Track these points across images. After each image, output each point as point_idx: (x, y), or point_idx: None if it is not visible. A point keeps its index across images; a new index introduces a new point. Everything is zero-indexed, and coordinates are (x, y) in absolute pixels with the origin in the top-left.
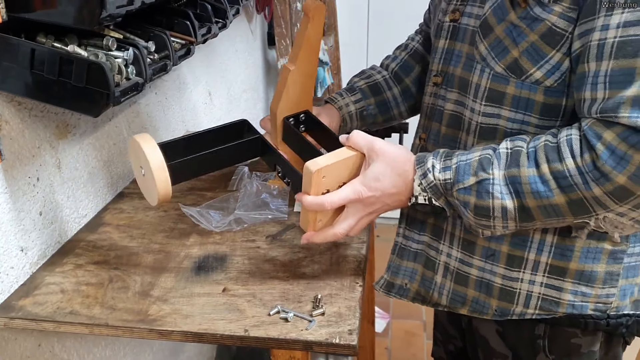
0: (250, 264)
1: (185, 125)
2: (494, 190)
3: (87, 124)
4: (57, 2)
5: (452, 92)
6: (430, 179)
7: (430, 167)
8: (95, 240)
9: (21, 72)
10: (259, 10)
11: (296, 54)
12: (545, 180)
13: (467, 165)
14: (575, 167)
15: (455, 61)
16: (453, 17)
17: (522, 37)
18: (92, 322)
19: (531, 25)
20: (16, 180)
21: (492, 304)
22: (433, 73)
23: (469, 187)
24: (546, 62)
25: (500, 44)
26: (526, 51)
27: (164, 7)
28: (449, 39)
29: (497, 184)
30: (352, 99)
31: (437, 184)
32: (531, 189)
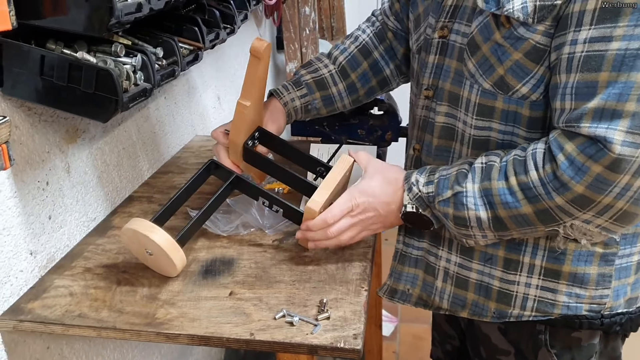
0: (257, 267)
1: (195, 129)
2: (468, 202)
3: (96, 128)
4: (66, 9)
5: (442, 105)
6: (415, 191)
7: (414, 181)
8: (104, 244)
9: (31, 78)
10: (267, 15)
11: (249, 92)
12: (513, 192)
13: (446, 179)
14: (538, 179)
15: (445, 76)
16: (442, 34)
17: (506, 56)
18: (100, 325)
19: (515, 44)
20: (26, 184)
21: (491, 307)
22: (424, 87)
23: (447, 199)
24: (531, 78)
25: (487, 62)
26: (511, 69)
27: (173, 14)
28: (439, 55)
29: (470, 196)
30: (297, 94)
31: (421, 197)
32: (501, 200)
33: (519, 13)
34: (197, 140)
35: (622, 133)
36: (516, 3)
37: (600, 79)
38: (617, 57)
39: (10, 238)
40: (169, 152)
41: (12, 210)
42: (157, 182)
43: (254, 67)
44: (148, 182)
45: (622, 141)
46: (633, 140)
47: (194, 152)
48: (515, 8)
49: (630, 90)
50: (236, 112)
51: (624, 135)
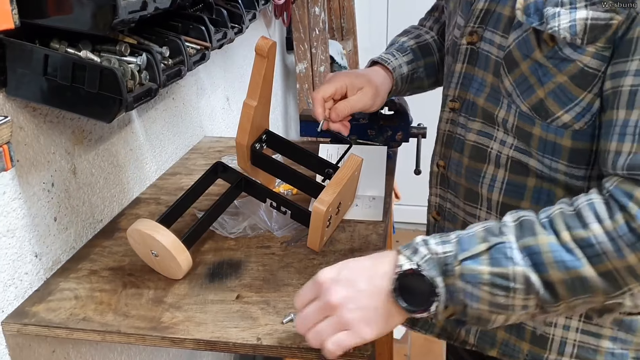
0: (265, 270)
1: (203, 130)
2: (514, 254)
3: (103, 129)
4: (70, 7)
5: (474, 122)
6: (423, 252)
7: (420, 241)
8: (110, 246)
9: (35, 78)
10: (277, 15)
11: (255, 91)
12: (569, 249)
13: (471, 236)
14: (604, 233)
15: (477, 89)
16: (471, 40)
17: (548, 77)
18: (105, 329)
19: (559, 65)
20: (31, 185)
21: (524, 348)
22: (449, 98)
23: (478, 253)
24: (576, 105)
25: (526, 82)
26: (553, 92)
27: (180, 13)
28: (467, 64)
29: (515, 248)
30: (404, 60)
31: (432, 258)
32: (554, 258)
33: (566, 32)
34: (205, 141)
35: None
36: (563, 20)
37: None
38: None
39: (15, 240)
40: (177, 153)
41: (16, 212)
42: (165, 184)
43: (259, 66)
44: (155, 183)
45: None
46: None
47: (203, 153)
48: (561, 26)
49: None
50: (242, 113)
51: None
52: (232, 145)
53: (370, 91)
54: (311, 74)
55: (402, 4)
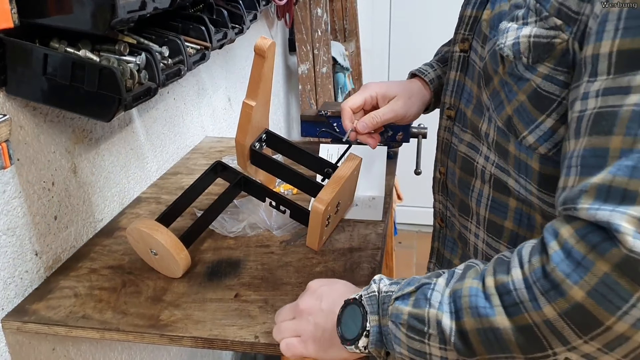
0: (264, 269)
1: (205, 130)
2: (432, 297)
3: (103, 128)
4: (69, 7)
5: (465, 133)
6: (372, 289)
7: (377, 279)
8: (110, 245)
9: (35, 77)
10: (279, 16)
11: (255, 91)
12: (488, 295)
13: (415, 279)
14: (522, 279)
15: (467, 100)
16: (463, 47)
17: (512, 95)
18: (104, 327)
19: (518, 83)
20: (31, 184)
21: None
22: (446, 105)
23: (407, 294)
24: (537, 127)
25: (498, 97)
26: (517, 110)
27: (180, 13)
28: (460, 72)
29: (437, 290)
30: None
31: (376, 295)
32: (469, 303)
33: (509, 50)
34: (207, 141)
35: (634, 221)
36: (509, 37)
37: (612, 145)
38: (633, 116)
39: (15, 238)
40: (178, 153)
41: (17, 211)
42: (166, 184)
43: (258, 66)
44: (156, 183)
45: (635, 232)
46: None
47: (204, 153)
48: (506, 44)
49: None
50: (242, 113)
51: (637, 224)
52: (233, 145)
53: (402, 101)
54: (313, 75)
55: (405, 5)
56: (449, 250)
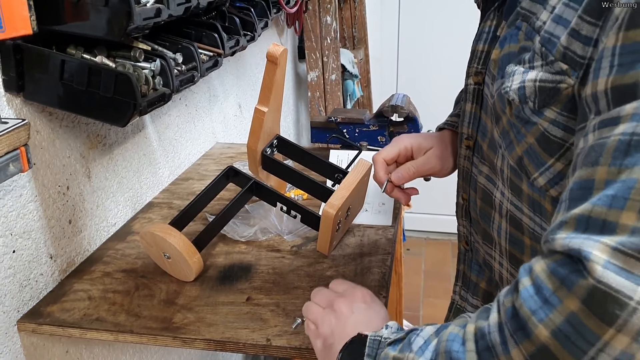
0: (275, 273)
1: (216, 137)
2: (414, 342)
3: (117, 134)
4: (86, 14)
5: (484, 165)
6: (381, 333)
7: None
8: (123, 249)
9: (52, 83)
10: (289, 24)
11: (267, 97)
12: (464, 341)
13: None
14: (497, 322)
15: (483, 133)
16: (477, 80)
17: (521, 136)
18: (117, 329)
19: (525, 126)
20: (47, 188)
21: None
22: (464, 136)
23: (398, 339)
24: (546, 170)
25: (508, 136)
26: (526, 152)
27: (193, 20)
28: (475, 104)
29: (421, 336)
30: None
31: (379, 339)
32: (445, 348)
33: (514, 95)
34: (217, 147)
35: (607, 249)
36: (515, 81)
37: (597, 176)
38: (619, 145)
39: (31, 242)
40: (189, 159)
41: (32, 214)
42: (178, 189)
43: (270, 72)
44: (168, 188)
45: (606, 262)
46: (625, 265)
47: (215, 159)
48: (512, 87)
49: (629, 192)
50: (254, 119)
51: (610, 253)
52: (244, 151)
53: (439, 151)
54: (323, 83)
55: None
56: (475, 273)
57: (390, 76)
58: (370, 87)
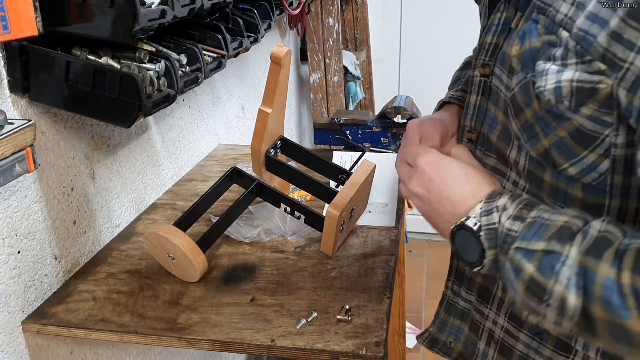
0: (279, 274)
1: (219, 138)
2: (561, 271)
3: (121, 135)
4: (92, 15)
5: (489, 157)
6: (493, 219)
7: (500, 205)
8: (127, 250)
9: (57, 84)
10: (291, 26)
11: (271, 98)
12: (623, 294)
13: (544, 226)
14: None
15: (490, 125)
16: (483, 72)
17: (550, 129)
18: (122, 330)
19: (557, 120)
20: (51, 189)
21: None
22: (466, 129)
23: (533, 251)
24: (579, 161)
25: (532, 129)
26: (556, 144)
27: (197, 21)
28: (481, 96)
29: (567, 265)
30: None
31: (497, 229)
32: (603, 296)
33: (551, 95)
34: (221, 148)
35: None
36: (549, 80)
37: None
38: None
39: (36, 242)
40: (192, 160)
41: (37, 215)
42: (181, 190)
43: (274, 73)
44: (172, 189)
45: None
46: None
47: (218, 160)
48: (547, 87)
49: None
50: (258, 120)
51: None
52: (247, 152)
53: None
54: (325, 84)
55: (415, 15)
56: None
57: (392, 78)
58: (372, 88)
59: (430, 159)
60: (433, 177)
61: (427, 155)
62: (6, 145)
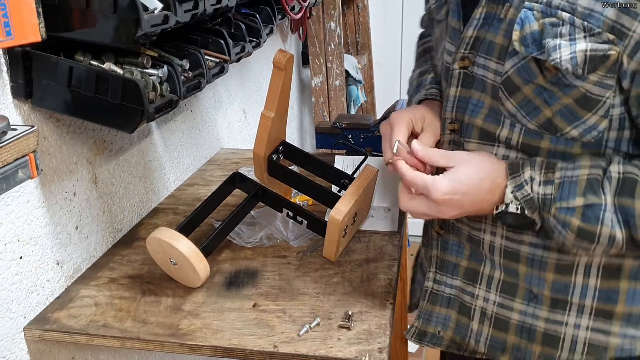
0: (281, 279)
1: (220, 142)
2: (605, 217)
3: (123, 140)
4: (94, 21)
5: (470, 143)
6: (526, 191)
7: (527, 178)
8: (129, 255)
9: (59, 90)
10: (293, 30)
11: (273, 103)
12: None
13: (574, 183)
14: None
15: (473, 111)
16: (463, 65)
17: (554, 99)
18: (124, 336)
19: (563, 89)
20: (53, 194)
21: (535, 351)
22: (448, 121)
23: (573, 207)
24: (582, 123)
25: (531, 104)
26: (559, 112)
27: (199, 26)
28: (461, 87)
29: (608, 210)
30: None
31: (533, 197)
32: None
33: (568, 64)
34: (222, 153)
35: None
36: (564, 52)
37: None
38: None
39: (38, 248)
40: (194, 164)
41: (39, 220)
42: (183, 194)
43: (277, 78)
44: (174, 194)
45: None
46: None
47: (220, 164)
48: (563, 58)
49: None
50: (260, 124)
51: None
52: (249, 157)
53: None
54: (326, 88)
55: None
56: (454, 254)
57: (393, 81)
58: (373, 92)
59: (442, 188)
60: (458, 198)
61: (438, 186)
62: (9, 151)
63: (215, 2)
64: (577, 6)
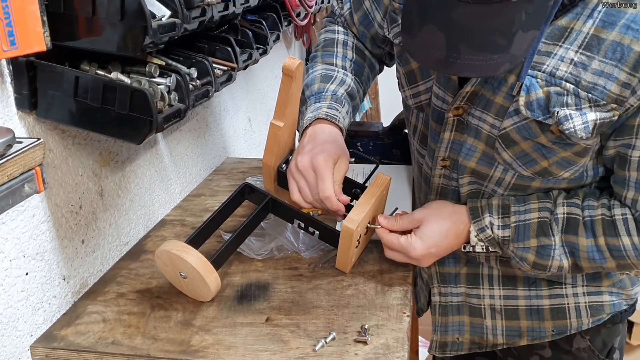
0: (293, 292)
1: (226, 151)
2: (555, 253)
3: (129, 151)
4: (101, 29)
5: (464, 178)
6: (488, 234)
7: (488, 224)
8: (137, 268)
9: (65, 100)
10: (297, 37)
11: (282, 112)
12: (600, 251)
13: (527, 227)
14: (631, 244)
15: (467, 154)
16: (457, 113)
17: (552, 154)
18: (134, 353)
19: (564, 147)
20: (59, 207)
21: (548, 327)
22: (440, 158)
23: (528, 247)
24: (574, 166)
25: (528, 156)
26: (556, 163)
27: (206, 34)
28: (455, 132)
29: (557, 248)
30: (344, 111)
31: (494, 238)
32: (587, 257)
33: (582, 133)
34: (228, 162)
35: None
36: (577, 122)
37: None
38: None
39: (44, 263)
40: (200, 174)
41: (45, 235)
42: (190, 205)
43: (286, 86)
44: (180, 205)
45: None
46: None
47: (226, 174)
48: (577, 128)
49: None
50: (269, 134)
51: None
52: (255, 166)
53: (345, 157)
54: None
55: None
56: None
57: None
58: (378, 98)
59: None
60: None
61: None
62: (15, 165)
63: (223, 8)
64: (581, 79)
